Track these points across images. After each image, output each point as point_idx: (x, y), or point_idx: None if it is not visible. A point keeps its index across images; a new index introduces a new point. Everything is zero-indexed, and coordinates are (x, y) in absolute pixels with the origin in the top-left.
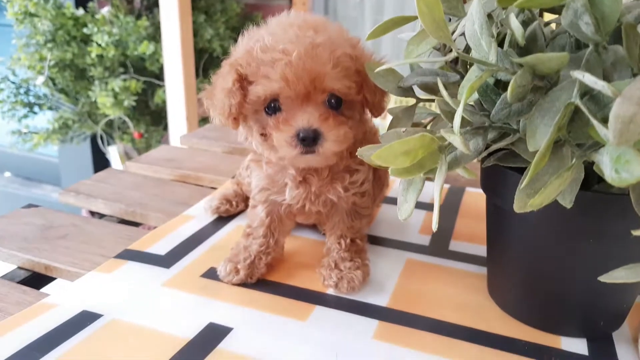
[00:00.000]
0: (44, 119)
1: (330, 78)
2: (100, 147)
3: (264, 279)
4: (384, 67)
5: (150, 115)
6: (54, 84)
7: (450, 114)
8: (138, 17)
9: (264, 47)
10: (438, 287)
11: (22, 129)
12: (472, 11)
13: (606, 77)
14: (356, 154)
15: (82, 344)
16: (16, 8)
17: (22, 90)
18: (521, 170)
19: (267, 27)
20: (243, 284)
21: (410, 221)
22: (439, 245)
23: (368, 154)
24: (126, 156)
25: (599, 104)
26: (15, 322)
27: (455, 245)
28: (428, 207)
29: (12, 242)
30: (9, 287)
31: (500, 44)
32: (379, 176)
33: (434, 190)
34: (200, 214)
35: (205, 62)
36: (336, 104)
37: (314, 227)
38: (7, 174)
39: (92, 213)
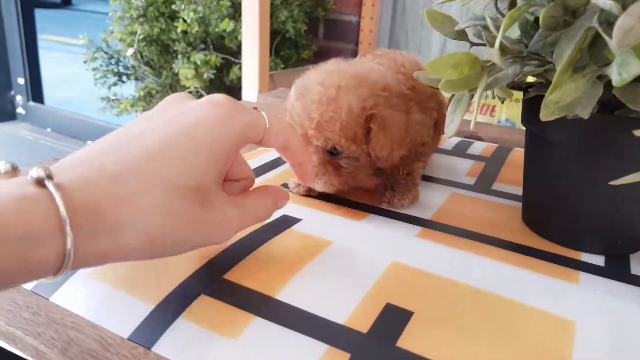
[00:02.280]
0: (130, 89)
1: (329, 132)
2: None
3: (325, 194)
4: (439, 2)
5: (225, 90)
6: (142, 57)
7: (494, 42)
8: None
9: (293, 95)
10: (477, 211)
11: (110, 96)
12: None
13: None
14: (413, 76)
15: None
16: None
17: (113, 61)
18: None
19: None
20: (308, 196)
21: (458, 167)
22: (483, 184)
23: (423, 76)
24: None
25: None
26: None
27: (497, 186)
28: (477, 157)
29: None
30: None
31: None
32: (437, 127)
33: (475, 98)
34: None
35: (277, 43)
36: (336, 152)
37: None
38: (89, 142)
39: None
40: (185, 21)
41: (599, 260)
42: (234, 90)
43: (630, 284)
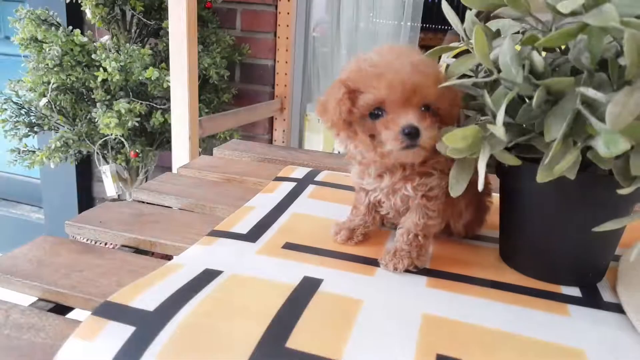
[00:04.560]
0: (40, 139)
1: (427, 87)
2: (96, 166)
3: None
4: (447, 83)
5: (145, 136)
6: (54, 106)
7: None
8: (135, 44)
9: (372, 64)
10: (463, 256)
11: (21, 147)
12: (504, 48)
13: None
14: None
15: (219, 289)
16: (26, 33)
17: (23, 111)
18: (530, 159)
19: (371, 53)
20: (322, 253)
21: None
22: None
23: (443, 147)
24: (117, 175)
25: (593, 109)
26: (153, 279)
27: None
28: None
29: (115, 225)
30: (131, 256)
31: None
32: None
33: (480, 163)
34: (258, 205)
35: (199, 88)
36: (428, 110)
37: None
38: None
39: None
40: (106, 70)
41: (576, 291)
42: (155, 135)
43: (607, 310)
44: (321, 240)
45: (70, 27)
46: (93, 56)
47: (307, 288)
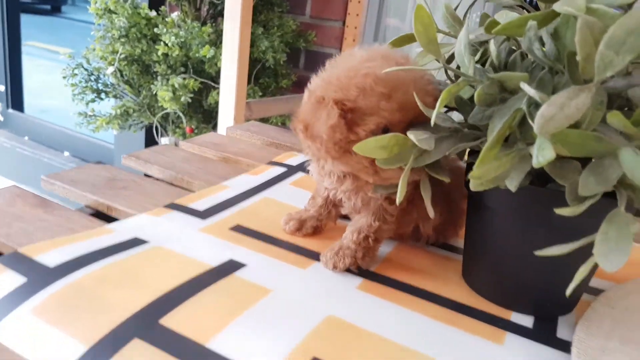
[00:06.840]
0: (107, 106)
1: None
2: (155, 138)
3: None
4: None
5: (202, 113)
6: (122, 76)
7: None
8: (203, 23)
9: (377, 81)
10: (420, 264)
11: (88, 111)
12: (460, 35)
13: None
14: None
15: (131, 258)
16: (98, 4)
17: (92, 78)
18: None
19: (361, 59)
20: (267, 240)
21: None
22: None
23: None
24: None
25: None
26: (75, 239)
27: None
28: None
29: (83, 186)
30: (79, 215)
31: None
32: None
33: (402, 177)
34: (234, 185)
35: (257, 71)
36: None
37: None
38: (66, 153)
39: None
40: (166, 44)
41: (528, 321)
42: (212, 114)
43: (554, 347)
44: (275, 227)
45: (139, 0)
46: (155, 30)
47: (223, 271)
